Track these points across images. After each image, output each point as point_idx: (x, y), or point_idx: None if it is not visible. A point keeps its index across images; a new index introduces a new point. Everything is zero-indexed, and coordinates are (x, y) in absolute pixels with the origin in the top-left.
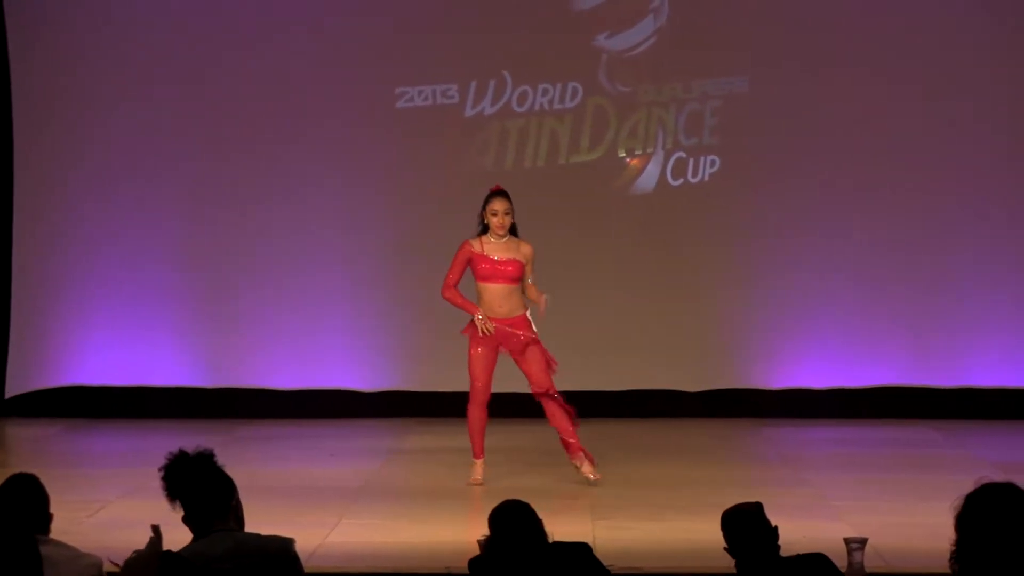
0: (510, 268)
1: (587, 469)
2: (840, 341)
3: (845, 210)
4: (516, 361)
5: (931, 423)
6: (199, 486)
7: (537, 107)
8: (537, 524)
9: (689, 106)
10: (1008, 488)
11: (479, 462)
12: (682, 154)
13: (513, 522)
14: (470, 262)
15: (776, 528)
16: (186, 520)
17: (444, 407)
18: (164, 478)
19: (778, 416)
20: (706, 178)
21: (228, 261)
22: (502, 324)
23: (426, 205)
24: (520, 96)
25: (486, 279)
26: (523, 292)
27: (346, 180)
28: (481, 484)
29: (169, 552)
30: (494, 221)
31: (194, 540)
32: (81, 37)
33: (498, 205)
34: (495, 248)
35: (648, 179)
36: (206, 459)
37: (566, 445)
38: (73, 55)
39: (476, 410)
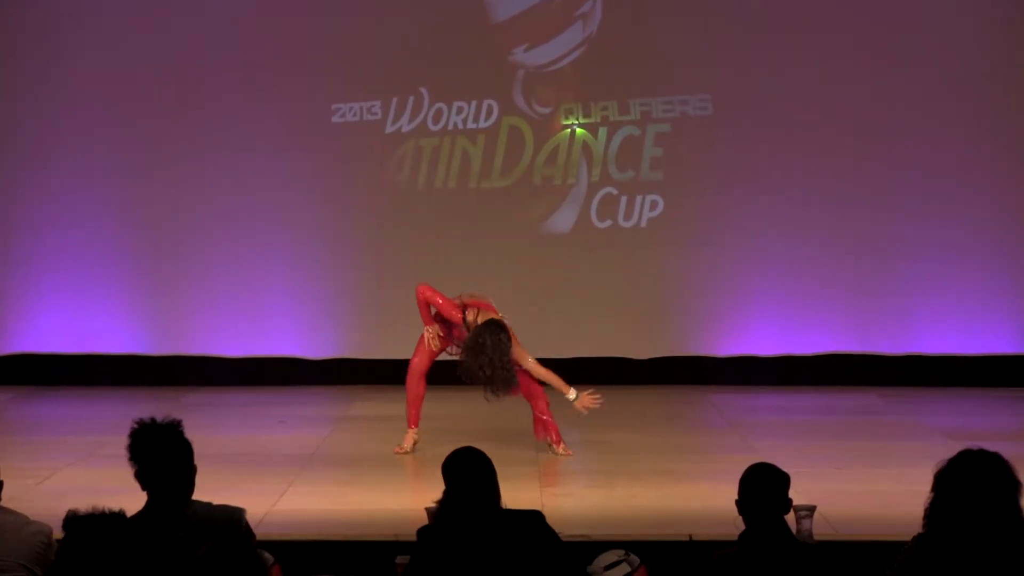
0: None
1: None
2: (786, 308)
3: (791, 175)
4: None
5: (877, 390)
6: (165, 455)
7: (451, 126)
8: (492, 474)
9: (624, 130)
10: (993, 457)
11: (412, 431)
12: (612, 190)
13: (469, 470)
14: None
15: (791, 501)
16: (140, 479)
17: (391, 374)
18: (131, 443)
19: (725, 383)
20: (643, 223)
21: (174, 229)
22: None
23: (357, 211)
24: (436, 114)
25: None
26: None
27: (289, 160)
28: (408, 453)
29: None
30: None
31: (147, 506)
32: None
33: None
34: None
35: (565, 217)
36: (174, 429)
37: (543, 424)
38: (12, 13)
39: (414, 381)
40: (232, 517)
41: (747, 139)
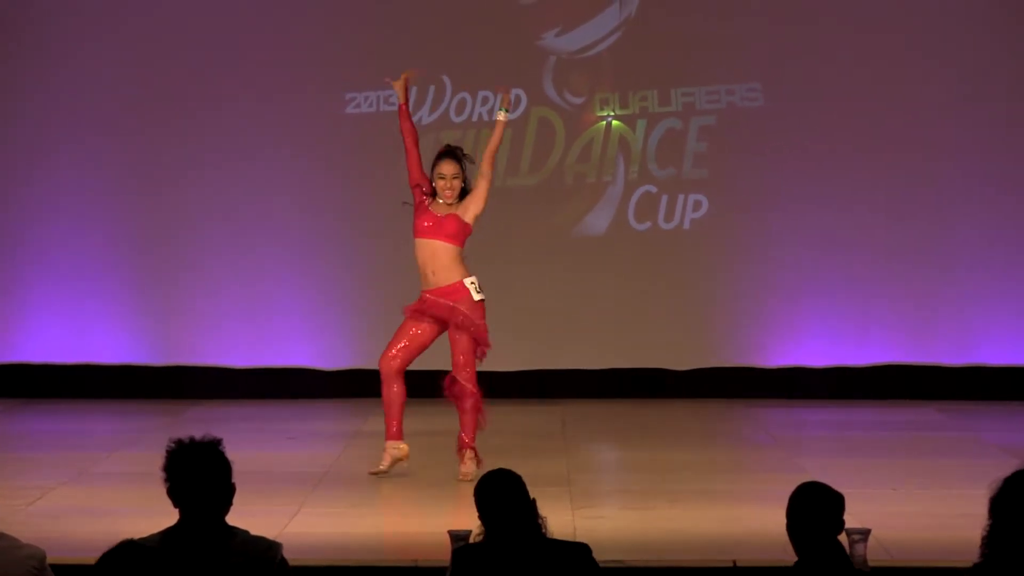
0: (448, 224)
1: (466, 470)
2: (839, 316)
3: (845, 180)
4: (449, 335)
5: (936, 404)
6: (200, 473)
7: (475, 117)
8: (527, 498)
9: (665, 123)
10: None
11: (391, 444)
12: (652, 188)
13: (502, 497)
14: (416, 205)
15: (843, 522)
16: (172, 495)
17: (411, 387)
18: (167, 461)
19: (772, 396)
20: (686, 224)
21: (175, 230)
22: (437, 295)
23: (373, 210)
24: (459, 104)
25: (418, 233)
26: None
27: (299, 159)
28: (384, 474)
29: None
30: (441, 185)
31: (180, 524)
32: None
33: (446, 168)
34: (439, 207)
35: (599, 218)
36: (213, 448)
37: (461, 442)
38: (10, 22)
39: (389, 380)
40: (268, 551)
41: (801, 134)
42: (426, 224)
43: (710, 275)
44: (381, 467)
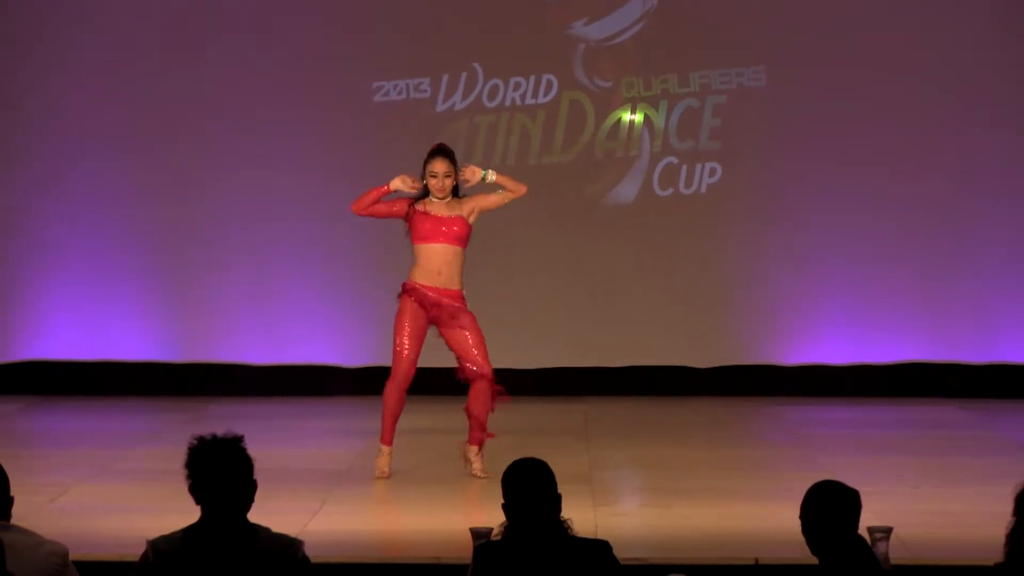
0: (455, 227)
1: (478, 467)
2: (859, 314)
3: (865, 176)
4: (444, 335)
5: (957, 402)
6: (221, 470)
7: (508, 102)
8: (555, 489)
9: (684, 103)
10: None
11: (387, 450)
12: (673, 160)
13: (531, 483)
14: (407, 217)
15: (859, 520)
16: (193, 493)
17: (432, 383)
18: (189, 458)
19: (792, 394)
20: (703, 190)
21: (195, 227)
22: (437, 293)
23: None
24: (491, 90)
25: (426, 239)
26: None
27: (322, 152)
28: (388, 477)
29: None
30: (433, 184)
31: (201, 521)
32: (45, 7)
33: (438, 166)
34: (438, 208)
35: (629, 187)
36: (235, 445)
37: (472, 434)
38: (34, 25)
39: (394, 389)
40: (290, 548)
41: (801, 110)
42: (430, 227)
43: (731, 270)
44: (385, 471)
